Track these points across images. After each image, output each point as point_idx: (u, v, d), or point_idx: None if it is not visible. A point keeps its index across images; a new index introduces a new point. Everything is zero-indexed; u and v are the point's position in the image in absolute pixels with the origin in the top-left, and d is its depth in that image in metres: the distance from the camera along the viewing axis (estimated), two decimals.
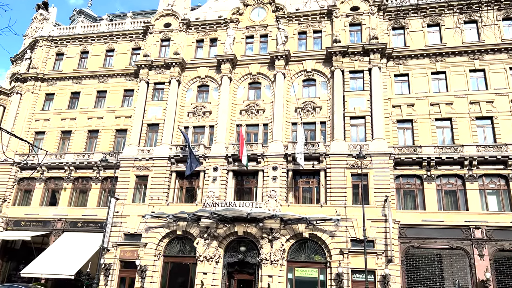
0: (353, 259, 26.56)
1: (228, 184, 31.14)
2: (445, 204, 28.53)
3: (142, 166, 32.45)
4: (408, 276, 27.31)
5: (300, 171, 30.55)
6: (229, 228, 29.03)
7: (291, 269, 28.31)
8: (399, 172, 29.41)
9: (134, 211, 31.02)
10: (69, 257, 29.24)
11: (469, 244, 26.63)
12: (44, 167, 35.02)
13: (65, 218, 33.13)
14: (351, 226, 27.38)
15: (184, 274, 30.07)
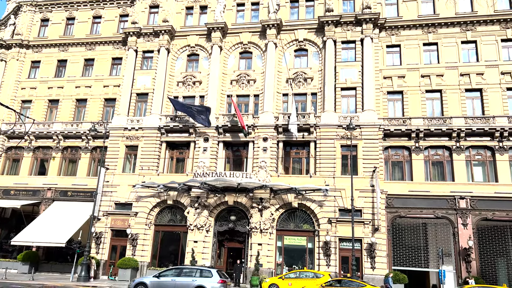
0: (340, 227, 27.16)
1: (218, 154, 31.20)
2: (432, 175, 29.06)
3: (132, 136, 32.27)
4: (393, 244, 28.10)
5: (291, 142, 30.69)
6: (219, 198, 29.33)
7: (280, 237, 28.90)
8: (388, 143, 29.72)
9: (125, 181, 31.07)
10: (60, 226, 29.40)
11: (454, 213, 27.35)
12: (32, 136, 34.62)
13: (55, 187, 33.07)
14: (340, 196, 27.84)
15: (175, 242, 30.55)
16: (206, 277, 19.22)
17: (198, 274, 19.47)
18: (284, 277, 23.61)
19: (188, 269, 20.36)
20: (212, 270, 19.82)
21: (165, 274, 20.02)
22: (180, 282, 19.20)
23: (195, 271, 19.85)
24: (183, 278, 19.42)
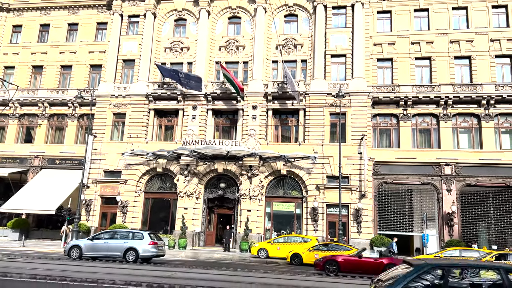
0: (328, 194, 27.68)
1: (208, 122, 31.09)
2: (419, 142, 29.49)
3: (119, 104, 31.84)
4: (379, 210, 28.81)
5: (280, 110, 30.66)
6: (209, 166, 29.47)
7: (269, 203, 29.39)
8: (376, 111, 29.88)
9: (113, 149, 30.92)
10: (49, 193, 29.41)
11: (439, 180, 27.98)
12: (17, 103, 33.93)
13: (42, 155, 32.81)
14: (328, 163, 28.18)
15: (165, 209, 30.88)
16: (138, 239, 19.61)
17: (130, 237, 19.87)
18: (273, 242, 24.19)
19: (121, 232, 20.74)
20: (144, 232, 20.21)
21: (99, 237, 20.40)
22: (112, 244, 19.60)
23: (127, 234, 20.26)
24: (115, 240, 19.78)
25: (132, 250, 19.10)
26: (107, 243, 19.70)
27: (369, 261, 17.61)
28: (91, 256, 19.54)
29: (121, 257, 19.17)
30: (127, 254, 19.07)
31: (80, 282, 11.35)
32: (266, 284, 13.10)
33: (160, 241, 20.56)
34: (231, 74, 29.06)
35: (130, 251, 19.11)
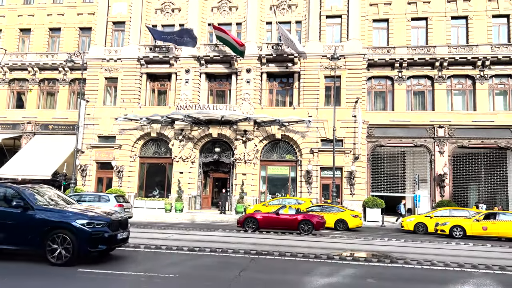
0: (322, 157, 27.91)
1: (201, 86, 30.76)
2: (413, 105, 29.51)
3: (111, 68, 31.27)
4: (373, 172, 29.22)
5: (274, 74, 30.32)
6: (203, 130, 29.43)
7: (264, 167, 29.65)
8: (371, 73, 29.65)
9: (106, 114, 30.68)
10: (44, 159, 29.40)
11: (432, 142, 28.24)
12: (6, 67, 33.24)
13: (35, 121, 32.51)
14: (322, 127, 28.24)
15: (161, 173, 31.09)
16: (104, 201, 20.09)
17: (97, 200, 20.36)
18: (268, 204, 24.59)
19: (88, 195, 21.22)
20: (110, 195, 20.69)
21: None
22: None
23: (94, 197, 20.76)
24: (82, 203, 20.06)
25: None
26: None
27: (285, 218, 18.53)
28: None
29: None
30: None
31: None
32: None
33: (126, 203, 21.10)
34: (226, 32, 28.14)
35: None
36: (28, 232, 8.62)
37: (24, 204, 8.78)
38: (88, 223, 8.69)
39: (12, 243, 8.77)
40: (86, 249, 8.65)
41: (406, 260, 11.01)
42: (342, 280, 8.53)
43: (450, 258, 11.84)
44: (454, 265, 10.63)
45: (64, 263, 8.45)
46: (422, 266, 10.37)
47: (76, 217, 8.76)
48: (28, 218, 8.67)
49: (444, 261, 11.09)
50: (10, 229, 8.72)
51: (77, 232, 8.53)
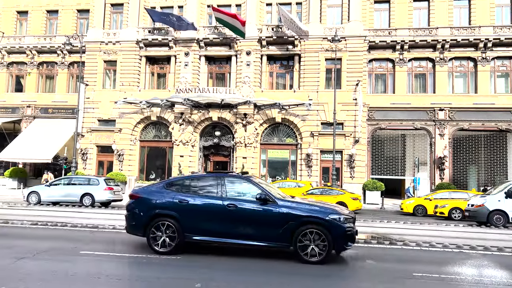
0: (322, 140, 27.92)
1: (201, 69, 30.55)
2: (414, 87, 29.37)
3: (110, 50, 31.01)
4: (372, 155, 29.27)
5: (275, 56, 30.08)
6: (203, 114, 29.36)
7: (264, 151, 29.69)
8: (372, 56, 29.41)
9: (106, 97, 30.56)
10: (44, 142, 29.43)
11: (432, 124, 28.20)
12: (4, 51, 32.97)
13: (35, 105, 32.43)
14: (322, 110, 28.16)
15: (161, 157, 31.17)
16: (94, 185, 20.22)
17: (86, 183, 20.48)
18: None
19: (78, 178, 21.31)
20: (100, 178, 20.78)
21: (56, 183, 20.95)
22: (69, 190, 20.26)
23: (83, 180, 20.86)
24: (72, 186, 20.43)
25: (88, 195, 19.83)
26: (64, 189, 20.26)
27: None
28: (50, 201, 20.15)
29: (78, 202, 19.86)
30: (84, 199, 19.82)
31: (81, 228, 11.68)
32: None
33: (116, 186, 21.29)
34: (226, 13, 27.80)
35: (86, 196, 19.84)
36: (275, 227, 7.95)
37: (266, 198, 8.11)
38: (341, 218, 7.93)
39: (261, 239, 8.07)
40: (342, 246, 8.01)
41: (405, 241, 11.11)
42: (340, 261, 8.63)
43: (448, 239, 11.94)
44: (452, 246, 10.73)
45: (320, 261, 7.80)
46: (421, 248, 10.47)
47: (327, 211, 8.03)
48: (273, 212, 8.02)
49: (442, 242, 11.20)
50: (257, 225, 8.08)
51: (331, 228, 7.80)
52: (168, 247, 8.23)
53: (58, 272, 7.06)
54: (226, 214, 8.13)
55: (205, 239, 8.31)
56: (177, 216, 8.28)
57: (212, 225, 8.20)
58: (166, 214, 8.35)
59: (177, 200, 8.40)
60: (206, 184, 8.59)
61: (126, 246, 9.64)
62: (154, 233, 8.33)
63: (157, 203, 8.49)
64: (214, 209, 8.22)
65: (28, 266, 7.44)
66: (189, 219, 8.26)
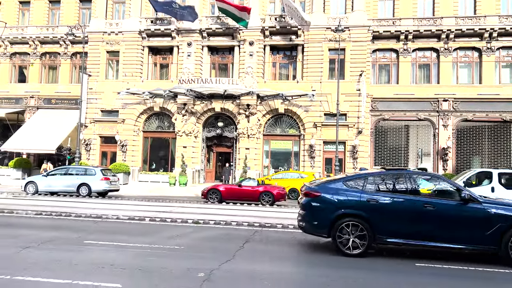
0: (325, 131, 27.86)
1: (203, 60, 30.43)
2: (418, 78, 29.18)
3: (112, 41, 30.90)
4: (376, 146, 29.22)
5: (278, 47, 29.91)
6: (206, 105, 29.32)
7: (267, 141, 29.68)
8: (376, 46, 29.19)
9: (109, 88, 30.54)
10: (48, 133, 29.51)
11: (436, 115, 28.06)
12: (7, 41, 32.94)
13: (38, 95, 32.47)
14: (325, 101, 28.05)
15: (165, 148, 31.23)
16: (90, 175, 20.38)
17: (83, 173, 20.65)
18: (271, 178, 24.74)
19: (74, 169, 21.49)
20: (96, 169, 20.95)
21: (54, 173, 21.11)
22: (66, 180, 20.43)
23: (80, 170, 21.02)
24: (69, 176, 20.61)
25: (85, 185, 20.02)
26: (61, 179, 20.40)
27: (247, 189, 19.28)
28: (47, 191, 20.33)
29: (75, 192, 20.03)
30: (80, 189, 20.01)
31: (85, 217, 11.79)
32: None
33: (113, 177, 21.45)
34: (229, 3, 27.55)
35: (83, 186, 20.03)
36: (481, 229, 7.48)
37: (470, 197, 7.68)
38: None
39: (463, 241, 7.64)
40: None
41: None
42: None
43: None
44: None
45: None
46: None
47: None
48: (479, 212, 7.56)
49: None
50: (460, 226, 7.61)
51: None
52: (358, 249, 7.82)
53: (62, 261, 7.13)
54: (424, 214, 7.66)
55: (400, 241, 7.83)
56: (366, 216, 7.81)
57: (407, 226, 7.72)
58: (354, 214, 7.89)
59: (365, 199, 7.91)
60: (392, 181, 8.17)
61: (130, 236, 9.72)
62: (341, 234, 7.88)
63: (342, 202, 7.99)
64: (409, 209, 7.73)
65: (33, 255, 7.52)
66: (381, 220, 7.78)
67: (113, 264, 7.03)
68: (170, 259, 7.53)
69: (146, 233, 10.25)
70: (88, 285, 5.79)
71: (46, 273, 6.35)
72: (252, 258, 7.86)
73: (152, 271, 6.59)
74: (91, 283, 5.87)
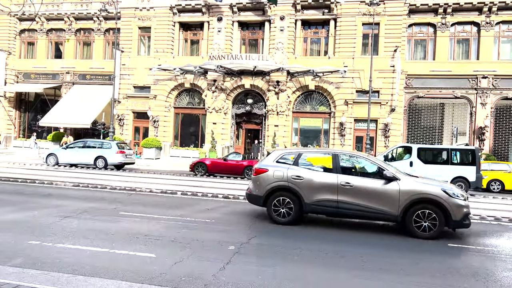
0: (356, 108, 27.35)
1: (233, 35, 30.21)
2: (456, 54, 27.95)
3: (144, 17, 31.10)
4: (409, 124, 28.48)
5: (309, 21, 29.24)
6: (236, 81, 29.28)
7: (296, 119, 29.48)
8: (412, 20, 28.03)
9: (141, 64, 30.96)
10: (83, 108, 30.44)
11: (474, 93, 26.94)
12: (43, 18, 33.78)
13: (73, 71, 33.36)
14: (358, 77, 27.42)
15: (195, 124, 31.60)
16: (107, 148, 21.18)
17: (100, 146, 21.52)
18: None
19: (92, 142, 22.37)
20: (112, 143, 21.67)
21: (72, 147, 22.02)
22: (84, 153, 21.31)
23: (97, 144, 21.88)
24: (86, 149, 21.53)
25: (101, 158, 20.87)
26: (79, 152, 21.36)
27: (232, 163, 19.89)
28: (66, 163, 21.30)
29: (92, 164, 20.96)
30: (97, 161, 20.89)
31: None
32: None
33: (128, 150, 22.22)
34: None
35: (99, 158, 20.89)
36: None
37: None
38: None
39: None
40: None
41: None
42: None
43: (486, 212, 11.66)
44: (490, 218, 10.49)
45: None
46: None
47: None
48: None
49: (480, 214, 10.96)
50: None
51: None
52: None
53: (99, 230, 7.46)
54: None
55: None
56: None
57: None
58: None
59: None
60: None
61: (162, 209, 10.02)
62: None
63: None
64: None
65: (72, 224, 7.89)
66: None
67: (147, 234, 7.29)
68: (201, 232, 7.73)
69: (178, 206, 10.53)
70: (124, 254, 6.05)
71: (85, 241, 6.67)
72: (283, 233, 7.95)
73: (184, 243, 6.80)
74: (126, 252, 6.13)
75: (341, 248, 7.06)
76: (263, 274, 5.41)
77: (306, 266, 5.92)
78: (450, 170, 17.19)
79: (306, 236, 7.85)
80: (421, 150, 17.67)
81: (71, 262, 5.51)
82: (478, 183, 17.09)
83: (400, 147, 18.44)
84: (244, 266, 5.75)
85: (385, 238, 8.02)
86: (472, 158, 17.31)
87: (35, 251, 6.00)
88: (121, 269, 5.34)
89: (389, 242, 7.76)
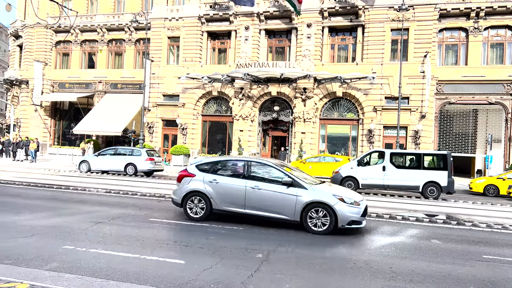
0: (385, 115, 26.90)
1: (260, 43, 30.42)
2: (489, 59, 27.11)
3: (173, 27, 31.80)
4: (440, 131, 27.75)
5: (337, 28, 29.09)
6: (262, 89, 29.40)
7: (324, 126, 29.26)
8: (443, 25, 27.42)
9: (170, 73, 31.60)
10: (114, 116, 31.30)
11: (509, 98, 26.01)
12: (77, 29, 35.09)
13: (105, 80, 34.40)
14: (387, 84, 27.00)
15: (222, 131, 31.89)
16: (136, 155, 21.48)
17: (130, 153, 21.83)
18: (305, 161, 24.20)
19: (122, 149, 22.66)
20: (142, 150, 21.96)
21: (104, 154, 22.35)
22: (115, 160, 21.66)
23: (128, 151, 22.17)
24: (117, 156, 21.84)
25: (131, 165, 21.24)
26: (110, 159, 21.81)
27: None
28: (98, 170, 21.85)
29: (123, 171, 21.35)
30: (127, 168, 21.26)
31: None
32: None
33: (157, 158, 22.54)
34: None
35: (129, 166, 21.27)
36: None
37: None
38: None
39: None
40: None
41: (474, 222, 10.58)
42: (405, 240, 8.44)
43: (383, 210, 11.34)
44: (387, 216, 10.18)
45: None
46: (492, 229, 9.93)
47: None
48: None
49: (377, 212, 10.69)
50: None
51: None
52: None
53: (130, 236, 7.63)
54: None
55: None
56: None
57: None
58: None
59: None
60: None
61: None
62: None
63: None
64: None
65: (105, 230, 8.11)
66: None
67: (176, 241, 7.40)
68: (229, 239, 7.78)
69: None
70: (154, 260, 6.16)
71: (116, 247, 6.83)
72: (310, 242, 7.90)
73: (213, 250, 6.86)
74: (157, 258, 6.24)
75: None
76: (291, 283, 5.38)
77: None
78: (422, 174, 16.95)
79: None
80: (393, 154, 17.58)
81: (103, 267, 5.66)
82: (450, 188, 16.82)
83: (374, 152, 18.34)
84: (270, 275, 5.74)
85: None
86: (444, 163, 16.99)
87: (69, 255, 6.20)
88: (152, 275, 5.44)
89: None
